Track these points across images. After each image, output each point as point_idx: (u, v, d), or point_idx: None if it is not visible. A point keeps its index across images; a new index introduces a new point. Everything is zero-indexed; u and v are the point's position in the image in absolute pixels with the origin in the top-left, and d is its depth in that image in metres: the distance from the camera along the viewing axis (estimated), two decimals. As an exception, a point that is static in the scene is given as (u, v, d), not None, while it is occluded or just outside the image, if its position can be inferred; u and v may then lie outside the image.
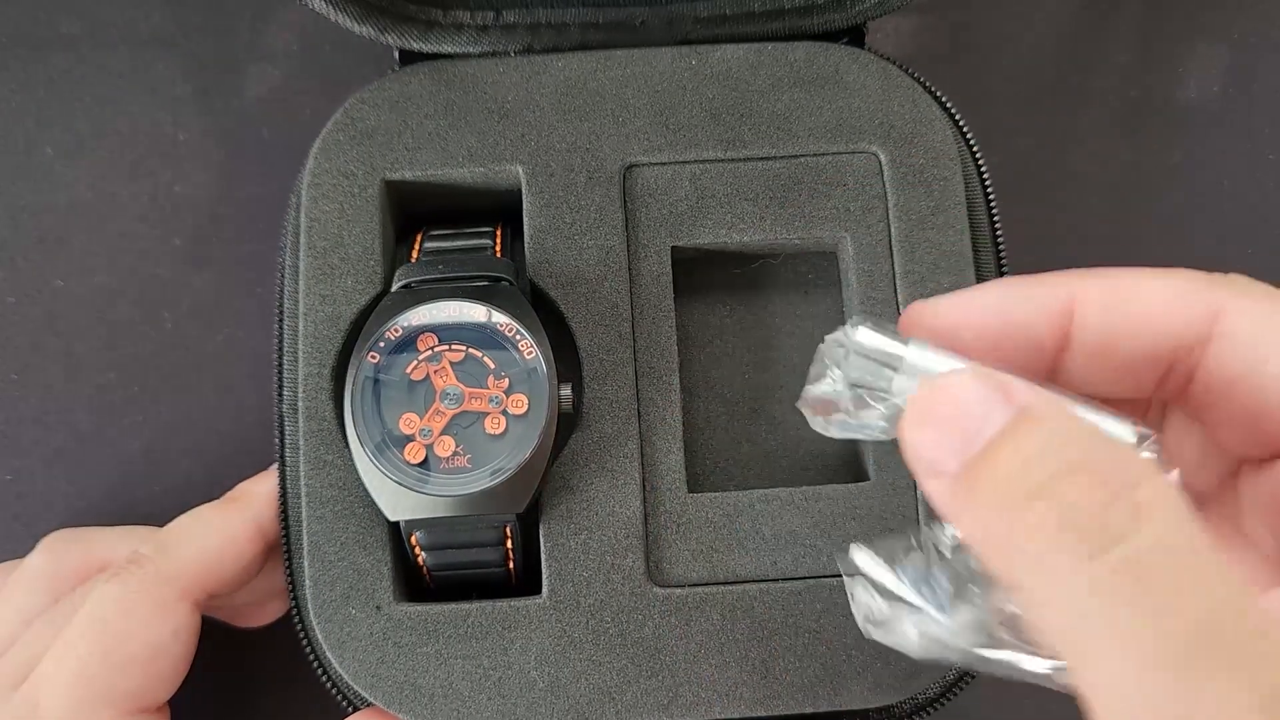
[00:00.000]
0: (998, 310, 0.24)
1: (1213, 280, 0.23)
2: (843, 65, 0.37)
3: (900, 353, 0.23)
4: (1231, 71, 0.45)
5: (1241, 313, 0.23)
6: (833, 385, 0.24)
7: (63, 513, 0.40)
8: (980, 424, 0.21)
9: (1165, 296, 0.23)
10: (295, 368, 0.35)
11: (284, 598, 0.36)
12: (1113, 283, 0.24)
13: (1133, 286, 0.24)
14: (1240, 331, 0.23)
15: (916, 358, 0.23)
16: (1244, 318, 0.23)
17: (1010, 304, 0.24)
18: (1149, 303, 0.23)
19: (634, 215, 0.36)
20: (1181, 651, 0.17)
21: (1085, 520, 0.19)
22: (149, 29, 0.44)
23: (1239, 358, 0.23)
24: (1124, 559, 0.18)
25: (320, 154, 0.36)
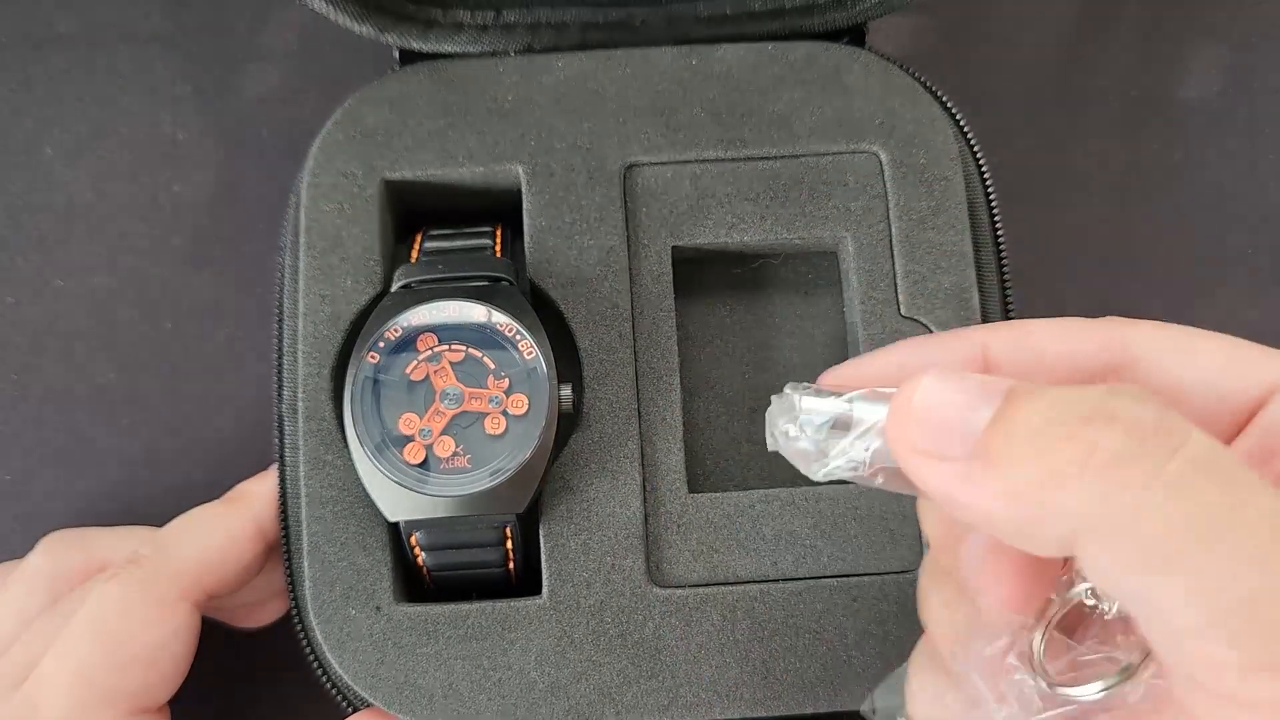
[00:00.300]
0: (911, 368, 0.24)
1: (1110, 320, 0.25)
2: (844, 65, 0.37)
3: (844, 408, 0.24)
4: (1232, 71, 0.45)
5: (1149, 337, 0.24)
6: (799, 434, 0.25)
7: (62, 513, 0.40)
8: (975, 407, 0.21)
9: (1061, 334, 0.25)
10: (295, 368, 0.35)
11: (283, 598, 0.36)
12: (1018, 332, 0.25)
13: (1031, 331, 0.25)
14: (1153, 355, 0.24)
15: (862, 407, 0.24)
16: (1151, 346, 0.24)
17: (920, 359, 0.25)
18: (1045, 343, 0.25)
19: (634, 215, 0.36)
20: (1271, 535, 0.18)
21: (1146, 431, 0.19)
22: (148, 29, 0.44)
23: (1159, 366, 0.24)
24: (1192, 459, 0.19)
25: (320, 154, 0.36)
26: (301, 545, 0.34)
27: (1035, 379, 0.23)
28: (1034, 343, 0.25)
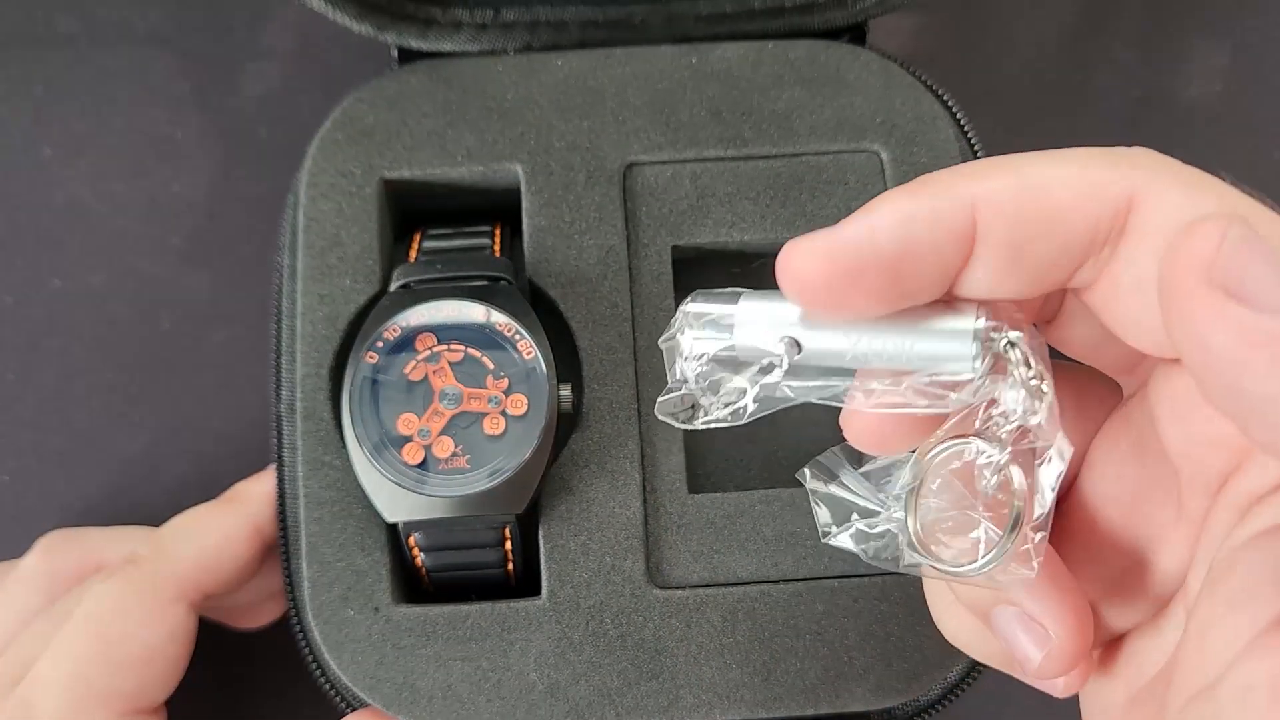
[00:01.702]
0: (901, 243, 0.21)
1: (1127, 162, 0.21)
2: (844, 63, 0.37)
3: (730, 313, 0.22)
4: (1233, 70, 0.45)
5: (1155, 207, 0.20)
6: (678, 378, 0.23)
7: (60, 513, 0.40)
8: None
9: (1077, 191, 0.21)
10: (293, 368, 0.35)
11: (281, 599, 0.36)
12: (1018, 183, 0.21)
13: (1041, 186, 0.21)
14: (1153, 227, 0.20)
15: (747, 315, 0.22)
16: (1157, 213, 0.20)
17: (912, 232, 0.21)
18: (1059, 202, 0.21)
19: (634, 214, 0.36)
20: None
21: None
22: (147, 28, 0.44)
23: (1151, 256, 0.20)
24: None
25: (318, 153, 0.36)
26: (300, 546, 0.34)
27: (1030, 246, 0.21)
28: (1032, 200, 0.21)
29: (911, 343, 0.21)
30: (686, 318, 0.23)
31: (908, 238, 0.20)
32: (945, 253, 0.21)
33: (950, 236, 0.21)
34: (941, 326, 0.21)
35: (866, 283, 0.21)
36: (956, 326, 0.21)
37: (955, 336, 0.21)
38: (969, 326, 0.21)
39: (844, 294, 0.21)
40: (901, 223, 0.21)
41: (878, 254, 0.20)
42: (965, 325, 0.21)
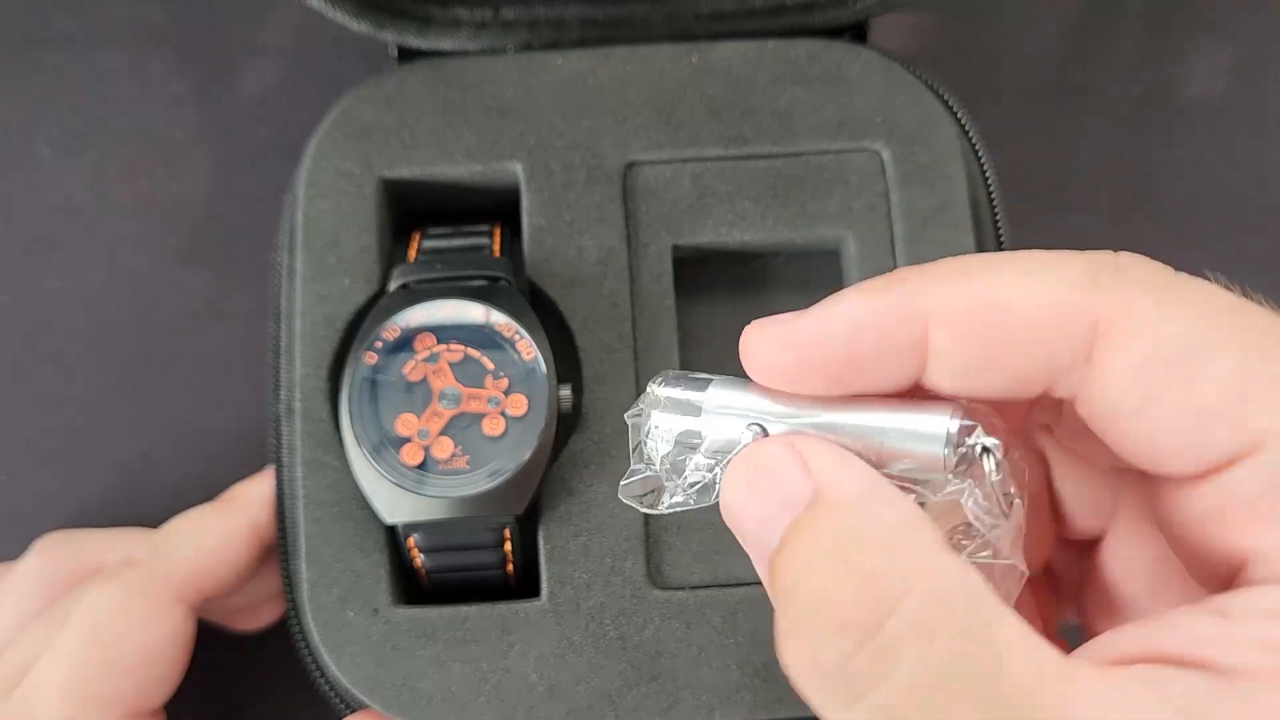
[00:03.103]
0: (850, 346, 0.20)
1: (1093, 277, 0.19)
2: (845, 62, 0.37)
3: (699, 400, 0.22)
4: (1236, 68, 0.45)
5: (1124, 333, 0.19)
6: (644, 459, 0.23)
7: (57, 515, 0.39)
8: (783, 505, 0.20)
9: (1033, 316, 0.19)
10: (291, 368, 0.35)
11: (280, 600, 0.36)
12: (973, 301, 0.19)
13: (996, 306, 0.19)
14: (1120, 359, 0.19)
15: (716, 401, 0.22)
16: (1126, 341, 0.19)
17: (861, 340, 0.20)
18: (1014, 325, 0.19)
19: (634, 214, 0.36)
20: None
21: (833, 669, 0.18)
22: (144, 26, 0.44)
23: (1120, 388, 0.19)
24: (874, 709, 0.17)
25: (317, 152, 0.36)
26: (299, 547, 0.34)
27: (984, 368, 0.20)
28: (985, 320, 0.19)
29: (881, 438, 0.20)
30: (655, 399, 0.22)
31: (856, 344, 0.20)
32: (894, 361, 0.20)
33: (898, 348, 0.20)
34: (913, 425, 0.20)
35: (823, 374, 0.20)
36: (929, 428, 0.20)
37: (927, 438, 0.20)
38: (941, 430, 0.20)
39: (803, 382, 0.21)
40: (850, 330, 0.20)
41: (828, 353, 0.20)
42: (938, 427, 0.20)
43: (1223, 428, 0.18)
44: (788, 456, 0.20)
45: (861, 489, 0.20)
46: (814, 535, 0.19)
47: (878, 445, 0.20)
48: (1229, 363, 0.18)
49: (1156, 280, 0.19)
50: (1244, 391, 0.18)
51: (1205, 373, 0.18)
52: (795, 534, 0.20)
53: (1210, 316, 0.19)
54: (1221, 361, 0.18)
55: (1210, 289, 0.19)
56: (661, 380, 0.23)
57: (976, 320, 0.20)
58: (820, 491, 0.20)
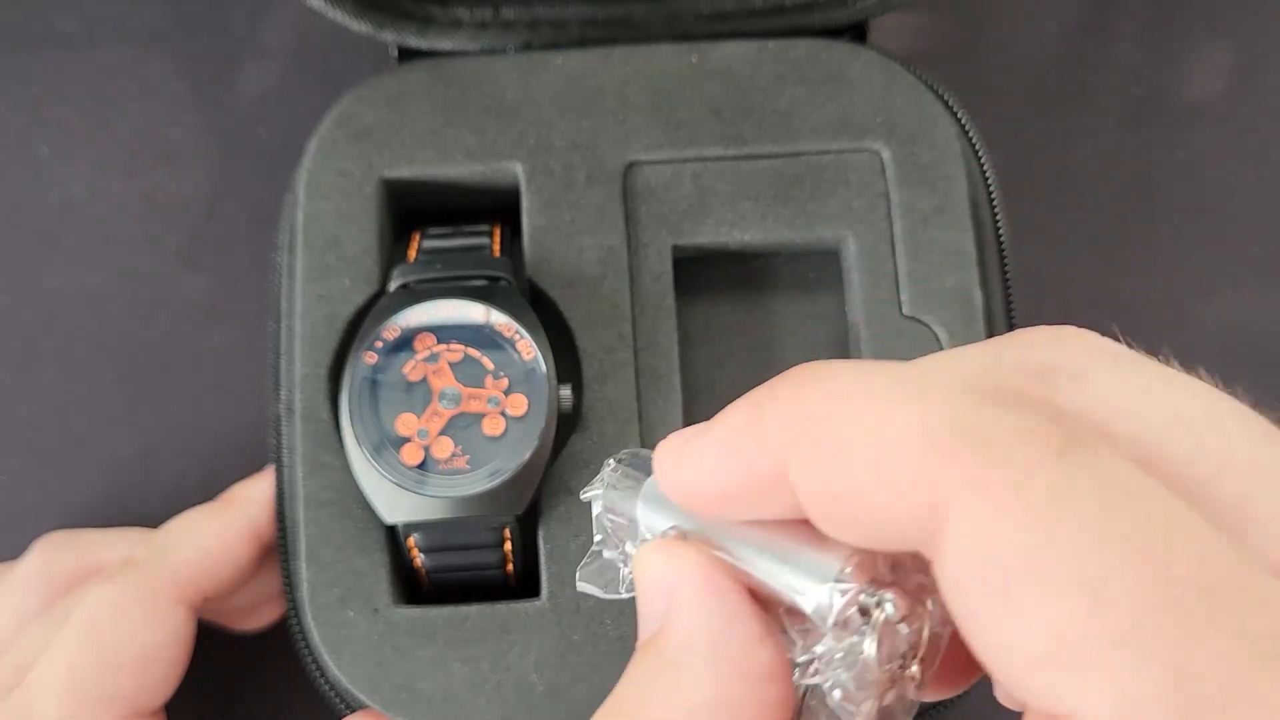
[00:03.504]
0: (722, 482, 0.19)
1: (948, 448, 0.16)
2: (845, 62, 0.37)
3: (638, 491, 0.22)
4: (1236, 69, 0.45)
5: (955, 527, 0.16)
6: (599, 549, 0.22)
7: (57, 515, 0.39)
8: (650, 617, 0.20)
9: (879, 485, 0.17)
10: (291, 368, 0.35)
11: (280, 600, 0.36)
12: (820, 455, 0.17)
13: (841, 470, 0.17)
14: (951, 562, 0.16)
15: (650, 493, 0.21)
16: (958, 544, 0.16)
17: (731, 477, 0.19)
18: (859, 494, 0.17)
19: (634, 214, 0.36)
20: None
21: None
22: (144, 26, 0.44)
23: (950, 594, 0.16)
24: None
25: (317, 152, 0.36)
26: (299, 547, 0.34)
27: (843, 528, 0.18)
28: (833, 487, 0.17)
29: (767, 578, 0.19)
30: (605, 480, 0.22)
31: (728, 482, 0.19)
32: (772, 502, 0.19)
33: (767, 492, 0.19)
34: (797, 571, 0.19)
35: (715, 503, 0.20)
36: (806, 582, 0.19)
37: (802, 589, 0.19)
38: (813, 585, 0.19)
39: (701, 505, 0.20)
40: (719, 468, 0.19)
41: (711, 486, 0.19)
42: (815, 582, 0.19)
43: (1034, 681, 0.15)
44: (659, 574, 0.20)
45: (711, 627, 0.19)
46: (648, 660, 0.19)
47: (772, 580, 0.19)
48: (1056, 611, 0.15)
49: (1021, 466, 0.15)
50: (1064, 651, 0.15)
51: (1030, 614, 0.15)
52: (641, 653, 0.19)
53: (1063, 537, 0.15)
54: (1049, 607, 0.15)
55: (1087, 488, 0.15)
56: (618, 460, 0.22)
57: (824, 470, 0.17)
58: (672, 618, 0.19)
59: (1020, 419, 0.16)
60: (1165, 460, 0.16)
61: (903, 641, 0.18)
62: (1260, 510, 0.16)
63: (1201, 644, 0.14)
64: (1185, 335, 0.42)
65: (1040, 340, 0.18)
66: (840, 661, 0.18)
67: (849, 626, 0.18)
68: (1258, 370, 0.43)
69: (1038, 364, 0.18)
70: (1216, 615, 0.14)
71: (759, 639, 0.19)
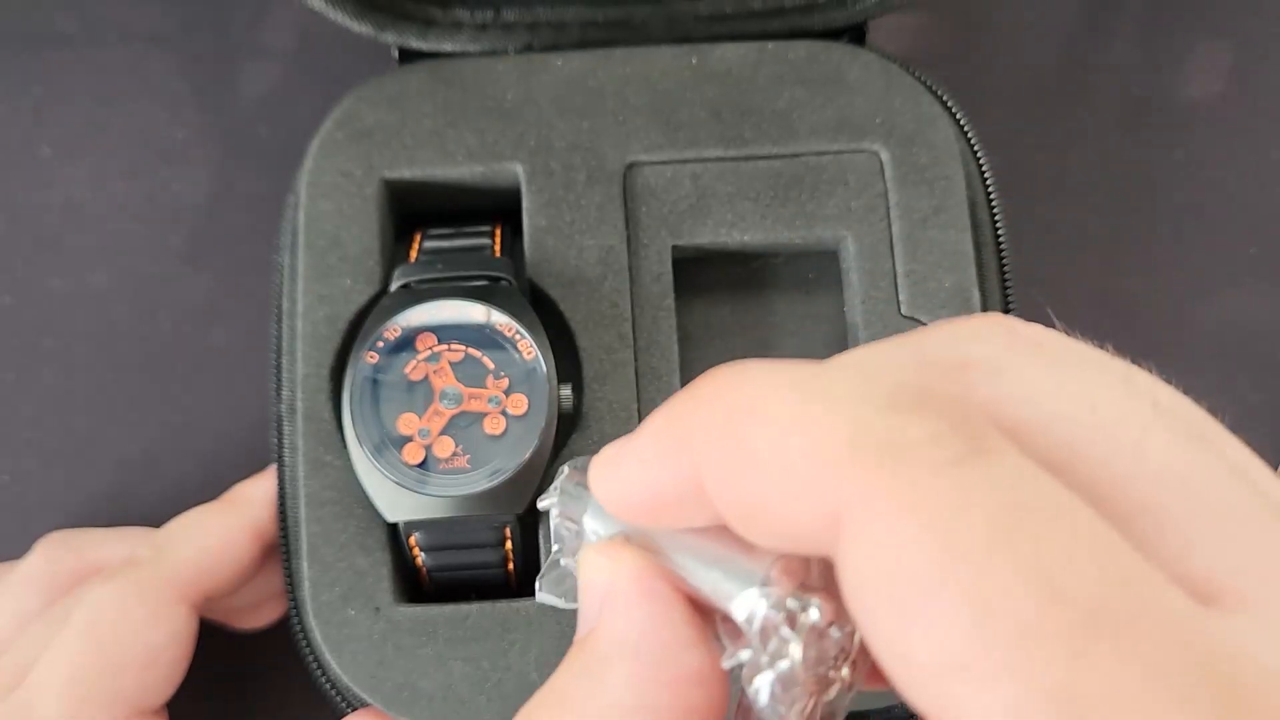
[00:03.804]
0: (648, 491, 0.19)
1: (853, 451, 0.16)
2: (844, 63, 0.37)
3: (586, 499, 0.21)
4: (1234, 70, 0.45)
5: (861, 537, 0.15)
6: (557, 558, 0.22)
7: (59, 514, 0.39)
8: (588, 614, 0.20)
9: (783, 494, 0.16)
10: (293, 368, 0.35)
11: (282, 599, 0.36)
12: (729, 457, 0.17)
13: (748, 478, 0.17)
14: (850, 569, 0.16)
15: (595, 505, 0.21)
16: (857, 549, 0.15)
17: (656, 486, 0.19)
18: (765, 502, 0.17)
19: (634, 214, 0.36)
20: None
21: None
22: (147, 27, 0.44)
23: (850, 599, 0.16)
24: None
25: (318, 153, 0.36)
26: (300, 546, 0.34)
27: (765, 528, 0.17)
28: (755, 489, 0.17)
29: (699, 584, 0.20)
30: (559, 487, 0.22)
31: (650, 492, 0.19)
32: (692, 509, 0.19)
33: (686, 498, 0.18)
34: (725, 577, 0.19)
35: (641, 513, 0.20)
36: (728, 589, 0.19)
37: (726, 596, 0.19)
38: (736, 590, 0.19)
39: (630, 515, 0.20)
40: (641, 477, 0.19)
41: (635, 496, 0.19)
42: (752, 579, 0.19)
43: (924, 691, 0.15)
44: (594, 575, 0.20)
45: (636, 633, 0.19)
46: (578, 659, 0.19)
47: (698, 586, 0.19)
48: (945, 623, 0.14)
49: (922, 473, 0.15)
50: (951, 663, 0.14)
51: (921, 625, 0.15)
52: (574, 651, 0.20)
53: (957, 549, 0.14)
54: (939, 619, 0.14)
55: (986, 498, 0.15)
56: (568, 468, 0.22)
57: (735, 476, 0.17)
58: (603, 621, 0.19)
59: (923, 426, 0.16)
60: (1079, 460, 0.16)
61: (833, 645, 0.18)
62: (1175, 515, 0.15)
63: (1087, 664, 0.13)
64: (1184, 335, 0.42)
65: (963, 333, 0.18)
66: (767, 665, 0.18)
67: (775, 632, 0.18)
68: (1257, 370, 0.43)
69: (956, 358, 0.17)
70: (1105, 635, 0.14)
71: (688, 643, 0.19)
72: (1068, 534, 0.14)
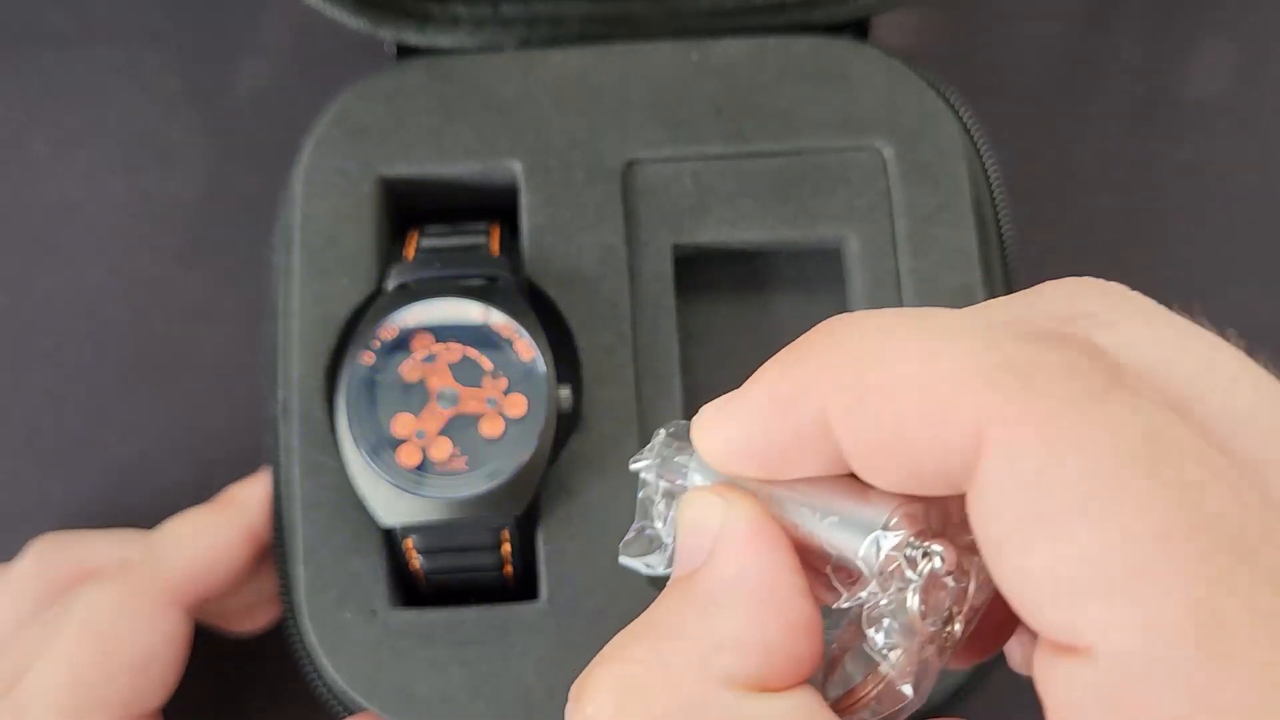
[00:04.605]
0: (763, 442, 0.19)
1: (995, 377, 0.16)
2: (847, 59, 0.37)
3: (688, 461, 0.21)
4: (1239, 67, 0.45)
5: (1005, 455, 0.16)
6: (642, 517, 0.22)
7: (53, 516, 0.39)
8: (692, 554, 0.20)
9: (921, 414, 0.17)
10: (288, 368, 0.34)
11: (277, 603, 0.36)
12: (860, 387, 0.18)
13: (884, 408, 0.17)
14: (995, 486, 0.16)
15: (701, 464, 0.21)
16: (1002, 467, 0.16)
17: (772, 435, 0.19)
18: (905, 426, 0.17)
19: (634, 212, 0.36)
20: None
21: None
22: (141, 24, 0.44)
23: (994, 519, 0.16)
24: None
25: (314, 150, 0.36)
26: (295, 549, 0.33)
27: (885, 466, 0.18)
28: (874, 420, 0.17)
29: (815, 529, 0.20)
30: (656, 450, 0.22)
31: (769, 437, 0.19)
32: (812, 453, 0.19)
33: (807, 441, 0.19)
34: (847, 522, 0.19)
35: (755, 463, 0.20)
36: (855, 531, 0.19)
37: (851, 539, 0.19)
38: (864, 533, 0.19)
39: (742, 467, 0.20)
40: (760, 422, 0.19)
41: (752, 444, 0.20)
42: (863, 530, 0.19)
43: (1057, 611, 0.16)
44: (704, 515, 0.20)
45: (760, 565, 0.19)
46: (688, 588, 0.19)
47: (820, 534, 0.20)
48: (1088, 539, 0.15)
49: (1065, 400, 0.16)
50: (1091, 578, 0.15)
51: (1063, 541, 0.15)
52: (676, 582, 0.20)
53: (1103, 470, 0.15)
54: (1082, 535, 0.15)
55: (1129, 425, 0.16)
56: (665, 433, 0.22)
57: (867, 411, 0.18)
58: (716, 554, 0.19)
59: (1063, 356, 0.16)
60: (1195, 412, 0.17)
61: (947, 596, 0.19)
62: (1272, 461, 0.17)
63: (1225, 580, 0.14)
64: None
65: (1072, 289, 0.19)
66: (884, 609, 0.19)
67: (896, 575, 0.19)
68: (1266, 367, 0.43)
69: (1071, 311, 0.18)
70: (1243, 555, 0.15)
71: (800, 590, 0.19)
72: (1204, 465, 0.16)
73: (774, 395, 0.19)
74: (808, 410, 0.18)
